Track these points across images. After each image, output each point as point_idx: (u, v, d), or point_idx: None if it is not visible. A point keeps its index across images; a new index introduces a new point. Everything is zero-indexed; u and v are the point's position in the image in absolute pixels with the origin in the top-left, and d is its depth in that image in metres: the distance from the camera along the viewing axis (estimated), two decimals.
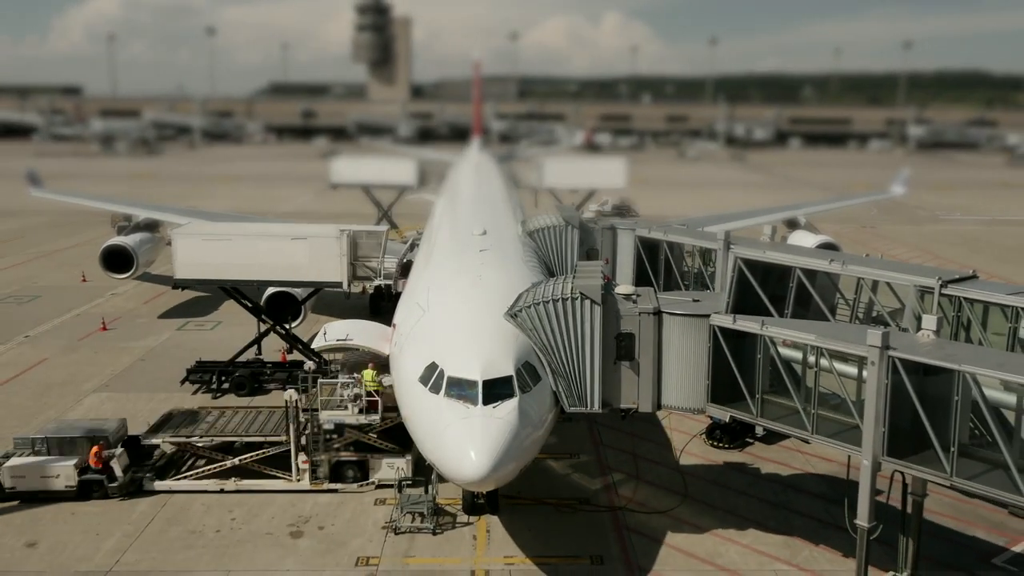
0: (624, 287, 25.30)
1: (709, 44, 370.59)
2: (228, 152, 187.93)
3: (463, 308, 26.17)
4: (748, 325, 22.84)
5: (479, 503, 26.61)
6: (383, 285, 34.33)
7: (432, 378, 23.07)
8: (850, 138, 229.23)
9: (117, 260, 52.12)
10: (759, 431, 32.07)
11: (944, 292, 23.53)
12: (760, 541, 25.61)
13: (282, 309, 38.55)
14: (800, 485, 29.57)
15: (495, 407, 21.98)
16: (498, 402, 22.11)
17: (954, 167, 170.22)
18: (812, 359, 21.92)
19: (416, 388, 23.53)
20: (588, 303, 23.35)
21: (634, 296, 24.55)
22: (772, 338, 22.45)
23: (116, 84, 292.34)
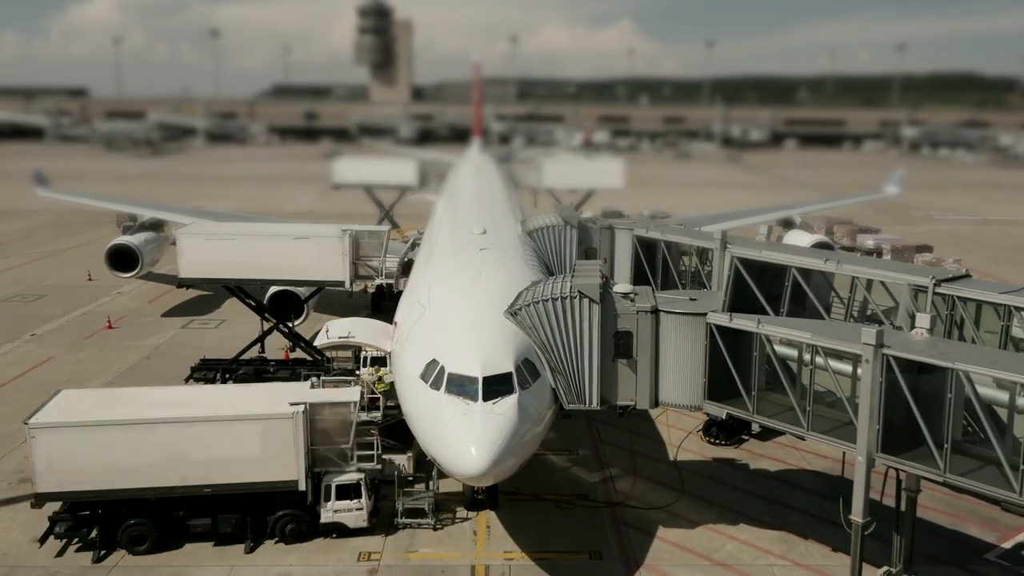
0: (622, 286, 25.64)
1: (706, 46, 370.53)
2: (232, 153, 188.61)
3: (463, 306, 26.49)
4: (744, 323, 23.11)
5: (479, 498, 26.97)
6: (385, 284, 34.69)
7: (433, 375, 23.38)
8: (845, 139, 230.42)
9: (122, 259, 52.59)
10: (755, 428, 32.38)
11: (937, 291, 23.86)
12: (756, 536, 25.97)
13: (285, 308, 38.94)
14: (795, 481, 29.91)
15: (495, 403, 22.28)
16: (498, 399, 22.40)
17: (948, 168, 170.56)
18: (807, 357, 22.21)
19: (417, 385, 23.83)
20: (587, 302, 23.68)
21: (632, 295, 24.85)
22: (768, 336, 22.71)
23: (122, 86, 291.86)
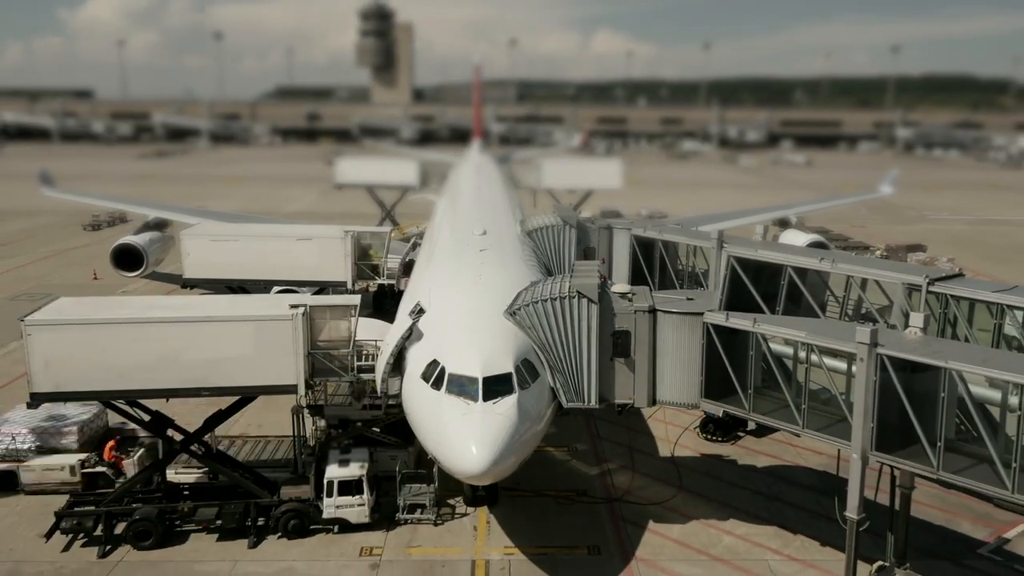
0: (620, 286, 25.99)
1: (703, 48, 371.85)
2: (235, 154, 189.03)
3: (464, 306, 26.77)
4: (740, 322, 23.39)
5: (480, 495, 27.28)
6: (386, 284, 35.02)
7: (434, 375, 23.58)
8: (840, 140, 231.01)
9: (127, 259, 52.81)
10: (751, 425, 32.65)
11: (931, 290, 24.09)
12: (752, 531, 26.34)
13: None
14: (791, 477, 30.26)
15: (495, 403, 22.53)
16: (498, 398, 22.65)
17: (941, 168, 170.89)
18: (803, 355, 22.48)
19: (418, 385, 24.03)
20: (585, 301, 23.99)
21: (630, 294, 25.14)
22: (764, 335, 23.00)
23: (126, 87, 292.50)
